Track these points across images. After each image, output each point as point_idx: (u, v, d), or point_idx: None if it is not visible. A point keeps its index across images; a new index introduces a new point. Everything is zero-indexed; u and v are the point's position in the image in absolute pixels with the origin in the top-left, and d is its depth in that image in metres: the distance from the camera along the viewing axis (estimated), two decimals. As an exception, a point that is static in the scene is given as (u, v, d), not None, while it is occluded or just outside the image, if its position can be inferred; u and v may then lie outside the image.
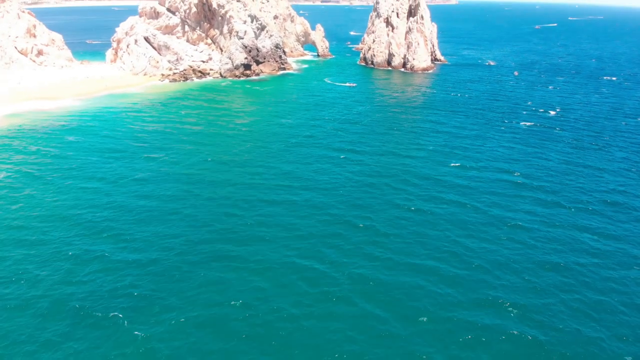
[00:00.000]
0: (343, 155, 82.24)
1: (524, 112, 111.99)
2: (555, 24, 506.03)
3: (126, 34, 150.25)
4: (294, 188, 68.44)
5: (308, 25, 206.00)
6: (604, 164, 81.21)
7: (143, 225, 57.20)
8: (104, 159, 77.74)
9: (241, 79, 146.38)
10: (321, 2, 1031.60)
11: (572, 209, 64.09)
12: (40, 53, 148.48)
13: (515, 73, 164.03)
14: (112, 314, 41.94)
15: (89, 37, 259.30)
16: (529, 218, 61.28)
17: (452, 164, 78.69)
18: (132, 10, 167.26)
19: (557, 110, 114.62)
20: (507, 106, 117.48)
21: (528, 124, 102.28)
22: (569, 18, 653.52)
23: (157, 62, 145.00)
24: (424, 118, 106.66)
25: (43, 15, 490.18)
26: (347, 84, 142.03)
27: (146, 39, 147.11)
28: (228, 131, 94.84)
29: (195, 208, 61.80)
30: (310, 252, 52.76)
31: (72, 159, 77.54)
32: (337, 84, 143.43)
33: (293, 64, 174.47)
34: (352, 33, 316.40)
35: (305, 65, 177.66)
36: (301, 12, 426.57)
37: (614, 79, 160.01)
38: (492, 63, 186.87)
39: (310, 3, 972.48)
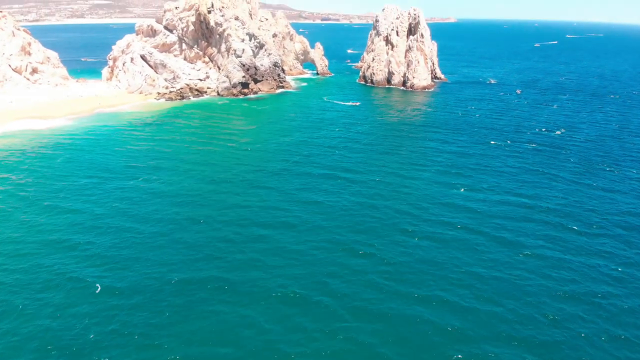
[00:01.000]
0: (343, 176, 78.98)
1: (529, 132, 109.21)
2: (556, 42, 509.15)
3: (122, 52, 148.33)
4: (291, 211, 65.01)
5: (307, 43, 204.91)
6: (614, 185, 78.03)
7: (133, 252, 53.60)
8: (95, 181, 74.42)
9: (239, 97, 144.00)
10: (321, 20, 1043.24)
11: (586, 234, 60.73)
12: (34, 71, 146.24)
13: (518, 91, 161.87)
14: (97, 358, 38.26)
15: (88, 54, 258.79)
16: (541, 244, 57.84)
17: (458, 186, 75.39)
18: (130, 29, 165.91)
19: (563, 129, 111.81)
20: (511, 125, 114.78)
21: (534, 144, 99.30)
22: (567, 36, 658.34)
23: (154, 80, 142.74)
24: (426, 137, 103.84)
25: (45, 32, 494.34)
26: (350, 103, 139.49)
27: (142, 57, 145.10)
28: (223, 151, 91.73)
29: (188, 233, 58.35)
30: (309, 282, 49.00)
31: (61, 180, 74.18)
32: (338, 102, 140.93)
33: (292, 83, 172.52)
34: (349, 51, 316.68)
35: (304, 84, 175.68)
36: (301, 30, 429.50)
37: (617, 97, 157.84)
38: (493, 81, 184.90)
39: (310, 21, 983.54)
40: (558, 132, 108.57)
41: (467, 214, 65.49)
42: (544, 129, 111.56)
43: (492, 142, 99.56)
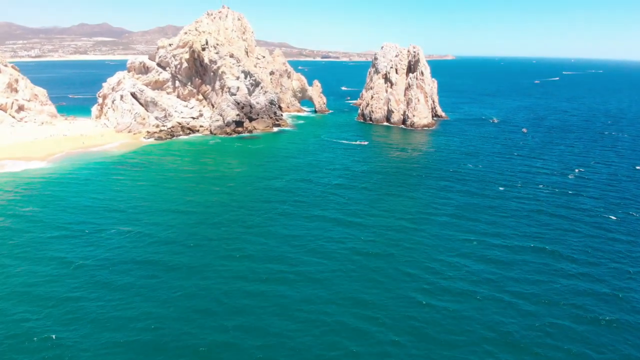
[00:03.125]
0: (345, 223, 71.76)
1: (541, 175, 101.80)
2: (557, 78, 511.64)
3: (112, 89, 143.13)
4: (282, 274, 56.45)
5: (305, 81, 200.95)
6: (638, 229, 71.54)
7: (91, 328, 45.49)
8: (68, 229, 67.36)
9: (232, 136, 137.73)
10: (321, 58, 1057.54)
11: (620, 289, 54.16)
12: (21, 108, 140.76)
13: (524, 130, 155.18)
14: None
15: (85, 91, 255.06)
16: (571, 302, 50.75)
17: (472, 235, 68.13)
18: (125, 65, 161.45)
19: (576, 171, 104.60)
20: (521, 168, 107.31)
21: (548, 188, 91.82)
22: (564, 72, 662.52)
23: (144, 118, 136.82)
24: (432, 180, 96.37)
25: (44, 68, 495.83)
26: (358, 142, 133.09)
27: (133, 95, 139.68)
28: (211, 195, 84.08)
29: (160, 303, 49.92)
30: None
31: (32, 229, 67.31)
32: (338, 141, 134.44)
33: (289, 120, 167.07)
34: (343, 88, 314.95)
35: (302, 122, 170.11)
36: (300, 67, 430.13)
37: (626, 135, 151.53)
38: (496, 120, 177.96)
39: (311, 59, 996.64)
40: (571, 175, 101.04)
41: (484, 274, 57.56)
42: (556, 171, 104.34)
43: (503, 186, 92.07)
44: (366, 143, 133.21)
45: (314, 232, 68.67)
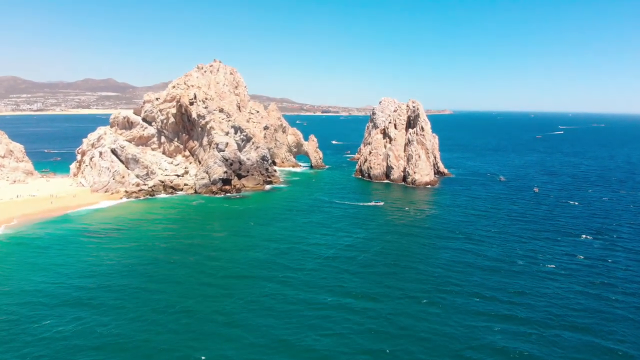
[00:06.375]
0: (344, 310, 59.01)
1: (564, 239, 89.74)
2: (562, 132, 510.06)
3: (92, 145, 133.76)
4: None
5: (301, 135, 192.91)
6: None
7: None
8: (14, 316, 55.67)
9: (218, 195, 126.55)
10: (322, 112, 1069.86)
11: None
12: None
13: (535, 189, 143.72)
14: None
15: (73, 145, 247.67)
16: None
17: (494, 321, 56.05)
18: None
19: (601, 235, 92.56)
20: (540, 232, 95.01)
21: (576, 256, 79.49)
22: (560, 127, 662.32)
23: (123, 177, 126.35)
24: (444, 247, 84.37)
25: (45, 121, 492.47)
26: (372, 203, 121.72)
27: (113, 152, 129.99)
28: (179, 273, 70.80)
29: None
30: None
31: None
32: (336, 201, 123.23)
33: (282, 177, 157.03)
34: (333, 142, 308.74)
35: (296, 178, 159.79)
36: (297, 121, 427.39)
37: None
38: (503, 179, 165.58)
39: (311, 113, 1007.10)
40: (598, 242, 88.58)
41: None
42: (581, 235, 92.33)
43: (521, 254, 79.58)
44: (381, 204, 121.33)
45: (308, 318, 56.31)
